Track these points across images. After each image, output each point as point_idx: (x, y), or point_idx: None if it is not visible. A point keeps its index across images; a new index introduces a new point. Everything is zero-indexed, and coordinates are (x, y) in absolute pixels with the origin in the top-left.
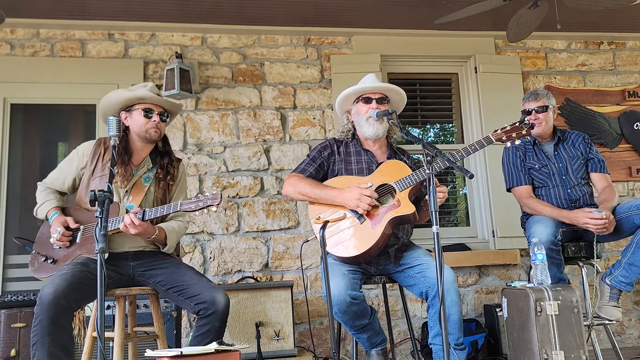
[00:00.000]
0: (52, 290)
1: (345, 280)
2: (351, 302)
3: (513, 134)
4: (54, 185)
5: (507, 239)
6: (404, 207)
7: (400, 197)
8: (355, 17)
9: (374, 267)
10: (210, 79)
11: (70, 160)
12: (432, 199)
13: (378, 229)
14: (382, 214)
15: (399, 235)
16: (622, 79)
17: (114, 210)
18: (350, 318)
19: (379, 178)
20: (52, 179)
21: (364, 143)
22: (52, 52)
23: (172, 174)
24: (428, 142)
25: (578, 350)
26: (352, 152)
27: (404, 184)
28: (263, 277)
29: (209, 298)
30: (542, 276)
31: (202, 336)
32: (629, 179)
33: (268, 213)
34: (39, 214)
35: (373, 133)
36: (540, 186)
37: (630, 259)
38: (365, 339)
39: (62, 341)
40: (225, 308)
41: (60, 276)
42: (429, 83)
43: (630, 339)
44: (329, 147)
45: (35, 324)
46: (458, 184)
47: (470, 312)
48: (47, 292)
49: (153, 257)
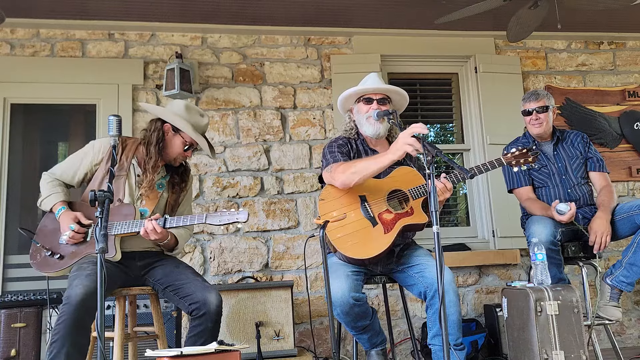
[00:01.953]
0: (83, 292)
1: (349, 281)
2: (354, 303)
3: (521, 159)
4: (63, 178)
5: (507, 239)
6: (417, 216)
7: (414, 205)
8: (355, 17)
9: (380, 267)
10: (210, 79)
11: (83, 154)
12: (433, 198)
13: (390, 235)
14: (394, 220)
15: (407, 236)
16: (622, 78)
17: (130, 213)
18: (352, 319)
19: (392, 184)
20: (61, 171)
21: (369, 142)
22: (52, 52)
23: (185, 181)
24: (428, 142)
25: (578, 350)
26: (360, 150)
27: (418, 193)
28: (263, 277)
29: (201, 298)
30: (542, 276)
31: (196, 337)
32: (629, 179)
33: (268, 213)
34: (45, 206)
35: (373, 132)
36: (540, 186)
37: (631, 258)
38: (366, 339)
39: (82, 343)
40: (217, 309)
41: (87, 276)
42: (429, 83)
43: (631, 339)
44: (347, 144)
45: (59, 322)
46: (458, 184)
47: (470, 312)
48: (76, 292)
49: (156, 257)
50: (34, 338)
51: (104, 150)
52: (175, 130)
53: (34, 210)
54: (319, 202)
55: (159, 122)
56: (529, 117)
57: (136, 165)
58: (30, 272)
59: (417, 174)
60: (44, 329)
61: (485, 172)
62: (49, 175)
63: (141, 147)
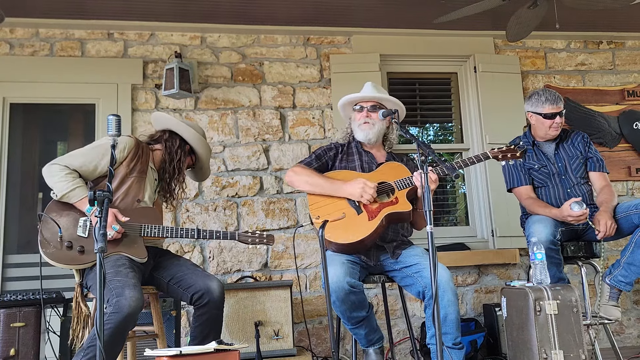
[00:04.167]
0: (135, 305)
1: (344, 268)
2: (350, 290)
3: (508, 154)
4: (82, 170)
5: (506, 239)
6: (401, 205)
7: (399, 195)
8: (355, 17)
9: (373, 260)
10: (209, 79)
11: (105, 150)
12: (427, 198)
13: (374, 222)
14: (379, 209)
15: (400, 232)
16: (621, 78)
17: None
18: (348, 308)
19: (379, 176)
20: (80, 164)
21: (364, 145)
22: (51, 52)
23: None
24: (423, 141)
25: (577, 349)
26: (353, 151)
27: (403, 184)
28: (262, 277)
29: (203, 286)
30: (542, 276)
31: (202, 326)
32: (628, 179)
33: (267, 212)
34: (71, 199)
35: (363, 138)
36: (540, 186)
37: (630, 258)
38: (363, 335)
39: (117, 350)
40: (220, 295)
41: (135, 287)
42: (428, 82)
43: (630, 339)
44: (334, 149)
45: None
46: (457, 183)
47: (469, 311)
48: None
49: (156, 252)
50: (33, 338)
51: (127, 149)
52: (192, 152)
53: (33, 210)
54: (309, 197)
55: (178, 140)
56: (550, 122)
57: (155, 170)
58: (29, 271)
59: (404, 168)
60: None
61: (471, 165)
62: (65, 167)
63: (159, 154)
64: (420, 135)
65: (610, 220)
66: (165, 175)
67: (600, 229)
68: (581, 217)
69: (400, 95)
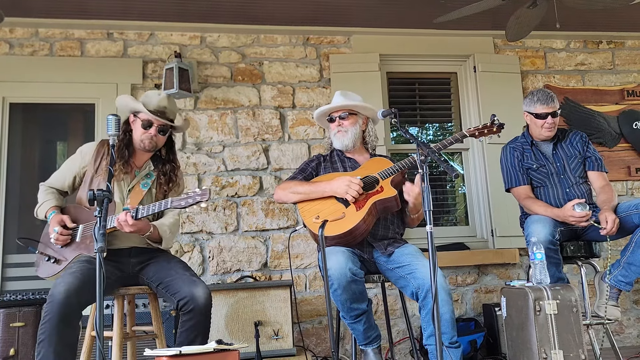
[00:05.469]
0: (65, 289)
1: (346, 255)
2: (352, 278)
3: (485, 130)
4: (55, 185)
5: (506, 239)
6: (386, 192)
7: (383, 184)
8: (354, 17)
9: (367, 254)
10: (209, 78)
11: (72, 161)
12: (426, 198)
13: (362, 211)
14: (365, 199)
15: (390, 228)
16: (621, 78)
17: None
18: (349, 297)
19: (363, 172)
20: (53, 179)
21: (346, 152)
22: (51, 52)
23: (174, 181)
24: (422, 141)
25: (577, 349)
26: (336, 160)
27: (386, 173)
28: (262, 277)
29: (188, 294)
30: (541, 275)
31: (187, 332)
32: (627, 179)
33: (267, 212)
34: (39, 214)
35: (341, 146)
36: (539, 186)
37: (630, 258)
38: (361, 331)
39: (70, 340)
40: (205, 302)
41: (70, 274)
42: (428, 82)
43: (629, 338)
44: (316, 160)
45: (44, 321)
46: (457, 183)
47: (469, 311)
48: (59, 290)
49: (150, 254)
50: (32, 337)
51: (90, 152)
52: (135, 115)
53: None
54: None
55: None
56: (541, 121)
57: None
58: (29, 271)
59: (389, 162)
60: None
61: (450, 145)
62: (43, 185)
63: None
64: (420, 134)
65: (614, 216)
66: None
67: (608, 226)
68: (583, 219)
69: (400, 95)
